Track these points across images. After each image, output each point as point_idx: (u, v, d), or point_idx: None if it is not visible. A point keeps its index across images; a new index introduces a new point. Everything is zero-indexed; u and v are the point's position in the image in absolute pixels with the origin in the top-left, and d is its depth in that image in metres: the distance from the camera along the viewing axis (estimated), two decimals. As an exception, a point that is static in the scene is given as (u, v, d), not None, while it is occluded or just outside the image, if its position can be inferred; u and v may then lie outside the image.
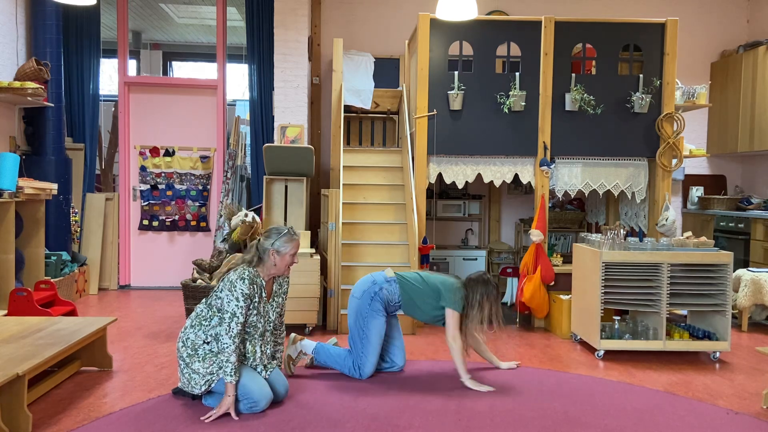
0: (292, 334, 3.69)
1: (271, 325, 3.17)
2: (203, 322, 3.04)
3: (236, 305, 2.91)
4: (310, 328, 4.65)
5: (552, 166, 5.04)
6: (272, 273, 3.11)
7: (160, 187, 6.53)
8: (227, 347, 2.89)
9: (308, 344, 3.68)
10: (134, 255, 6.56)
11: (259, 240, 3.11)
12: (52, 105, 5.53)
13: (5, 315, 4.06)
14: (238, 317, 2.91)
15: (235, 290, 2.92)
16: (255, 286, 3.00)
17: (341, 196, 5.01)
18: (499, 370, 3.75)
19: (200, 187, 6.56)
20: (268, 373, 3.09)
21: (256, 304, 3.02)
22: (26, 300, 4.23)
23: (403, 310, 3.63)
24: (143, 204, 6.52)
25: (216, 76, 6.50)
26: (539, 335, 4.75)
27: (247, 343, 3.07)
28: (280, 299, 3.23)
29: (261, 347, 3.09)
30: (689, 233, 4.39)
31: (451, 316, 3.46)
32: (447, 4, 4.13)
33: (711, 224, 6.34)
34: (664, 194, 5.11)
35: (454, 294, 3.48)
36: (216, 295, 3.04)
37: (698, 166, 6.94)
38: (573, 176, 5.12)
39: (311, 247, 4.96)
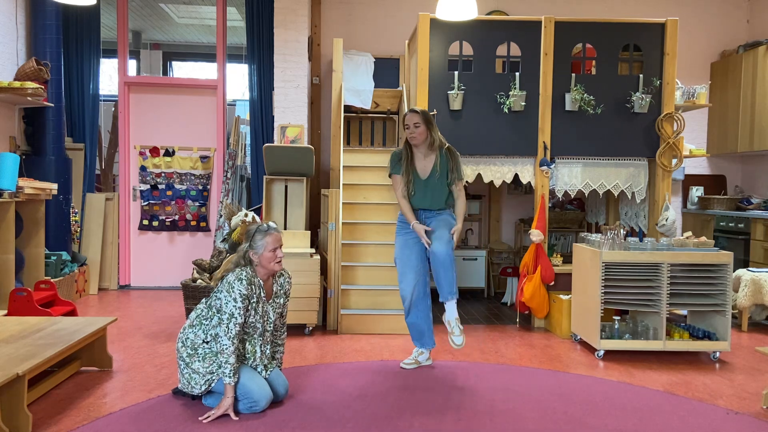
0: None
1: (271, 325, 3.16)
2: (203, 322, 3.04)
3: (234, 306, 2.91)
4: (311, 328, 4.65)
5: (552, 166, 5.04)
6: (264, 272, 3.09)
7: (160, 187, 6.52)
8: (226, 348, 2.89)
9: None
10: (134, 255, 6.56)
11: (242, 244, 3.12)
12: (52, 105, 5.53)
13: (5, 315, 4.06)
14: (236, 318, 2.91)
15: (233, 291, 2.92)
16: (253, 286, 3.00)
17: (341, 196, 5.01)
18: (498, 370, 3.75)
19: (200, 187, 6.56)
20: (268, 373, 3.09)
21: (254, 305, 3.01)
22: (26, 300, 4.23)
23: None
24: (143, 204, 6.52)
25: (216, 76, 6.50)
26: (539, 335, 4.75)
27: (247, 343, 3.07)
28: (281, 300, 3.22)
29: (261, 347, 3.09)
30: (689, 233, 4.39)
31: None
32: (447, 4, 4.13)
33: (711, 224, 6.34)
34: (664, 194, 5.11)
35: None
36: (215, 296, 3.04)
37: (698, 166, 6.94)
38: (573, 176, 5.12)
39: (311, 247, 4.96)
